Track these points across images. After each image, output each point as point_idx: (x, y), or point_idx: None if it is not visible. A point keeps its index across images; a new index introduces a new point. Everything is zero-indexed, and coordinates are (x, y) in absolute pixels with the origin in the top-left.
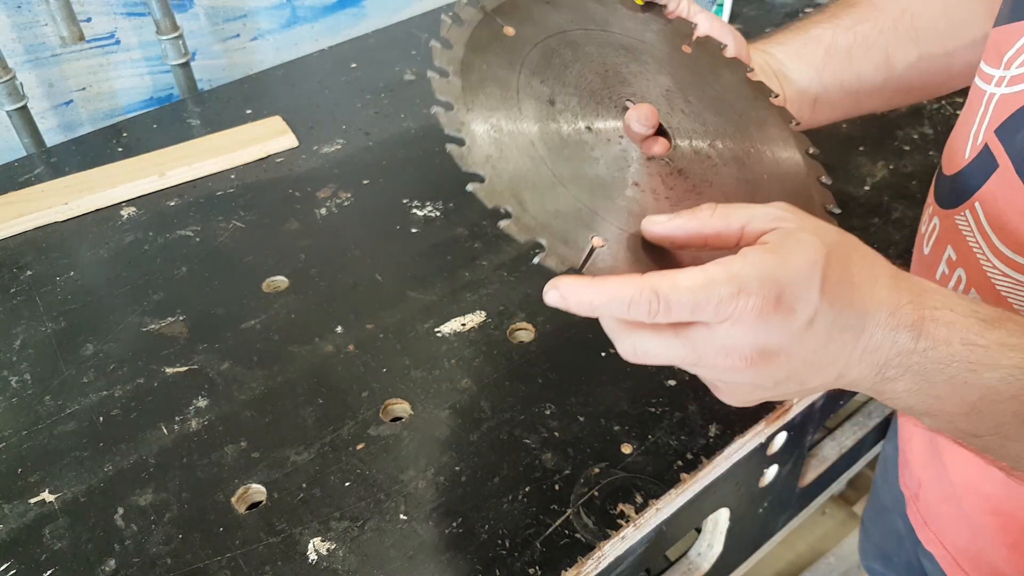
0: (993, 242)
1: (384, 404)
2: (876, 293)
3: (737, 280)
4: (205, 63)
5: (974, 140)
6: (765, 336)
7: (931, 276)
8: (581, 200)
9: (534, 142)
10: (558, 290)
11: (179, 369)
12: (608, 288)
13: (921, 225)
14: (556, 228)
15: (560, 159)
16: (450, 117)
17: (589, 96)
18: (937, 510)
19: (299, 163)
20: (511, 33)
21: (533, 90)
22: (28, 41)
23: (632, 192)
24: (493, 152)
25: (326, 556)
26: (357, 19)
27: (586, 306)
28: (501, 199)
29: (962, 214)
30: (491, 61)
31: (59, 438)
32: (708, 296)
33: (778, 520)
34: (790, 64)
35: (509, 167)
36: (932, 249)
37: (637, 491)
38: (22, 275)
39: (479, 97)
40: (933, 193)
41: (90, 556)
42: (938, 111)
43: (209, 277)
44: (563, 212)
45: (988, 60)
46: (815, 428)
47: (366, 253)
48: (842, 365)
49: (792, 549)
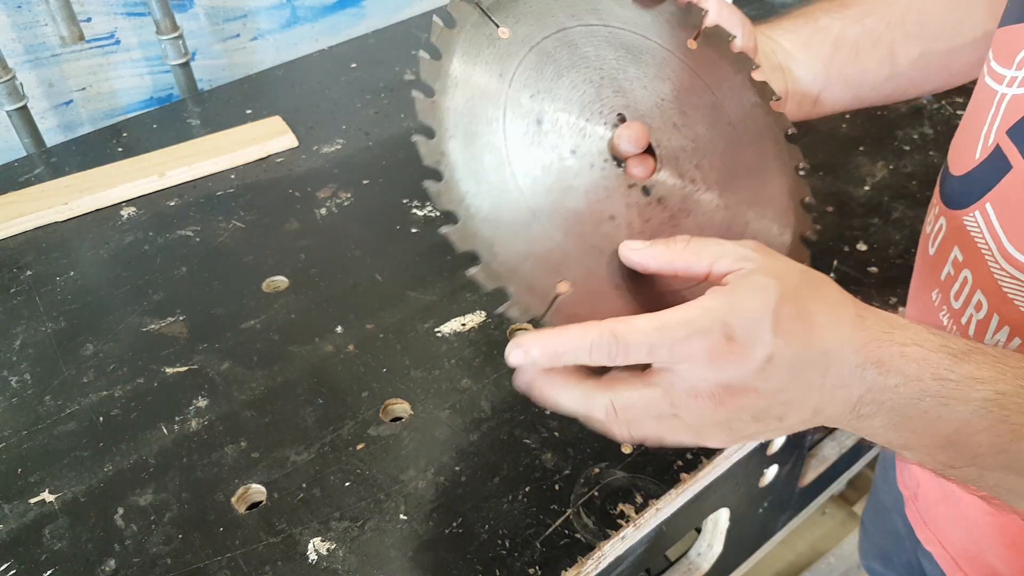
0: (1003, 244)
1: (384, 404)
2: (838, 331)
3: (690, 324)
4: (205, 63)
5: (985, 141)
6: (724, 375)
7: (936, 277)
8: (554, 239)
9: (515, 173)
10: (521, 347)
11: (179, 369)
12: (570, 334)
13: (926, 225)
14: (524, 273)
15: (539, 191)
16: (430, 147)
17: (579, 111)
18: (935, 510)
19: (299, 163)
20: (506, 36)
21: (522, 107)
22: (28, 41)
23: (607, 227)
24: (471, 187)
25: (326, 556)
26: (357, 19)
27: (551, 355)
28: (473, 242)
29: (971, 215)
30: (481, 73)
31: (59, 438)
32: (662, 338)
33: (778, 520)
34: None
35: (485, 204)
36: (938, 250)
37: (637, 491)
38: (22, 275)
39: (464, 120)
40: (939, 193)
41: (90, 556)
42: (938, 111)
43: (209, 277)
44: (534, 254)
45: (999, 59)
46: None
47: (366, 253)
48: (815, 402)
49: (792, 549)
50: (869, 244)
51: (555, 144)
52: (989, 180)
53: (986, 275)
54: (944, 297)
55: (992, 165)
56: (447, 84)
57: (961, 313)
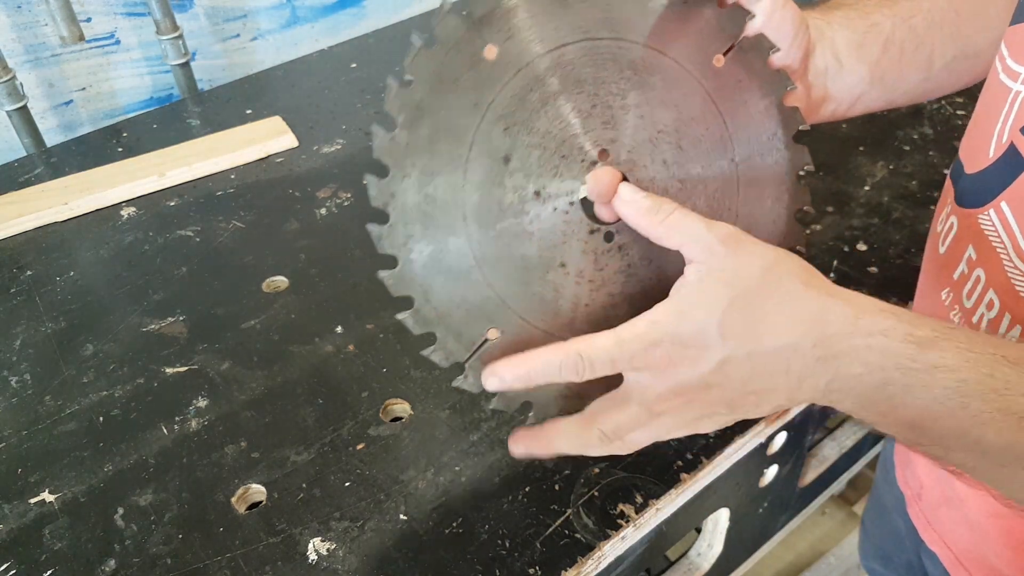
0: (1019, 242)
1: (384, 404)
2: (795, 328)
3: (643, 337)
4: (205, 63)
5: (999, 139)
6: (683, 377)
7: (948, 275)
8: (494, 287)
9: (467, 215)
10: (495, 375)
11: (179, 369)
12: (539, 357)
13: (935, 224)
14: (453, 320)
15: (488, 237)
16: (380, 188)
17: (556, 148)
18: (938, 511)
19: (299, 163)
20: (492, 56)
21: (491, 143)
22: (28, 41)
23: (554, 275)
24: (416, 231)
25: (326, 556)
26: (357, 19)
27: (523, 378)
28: (408, 288)
29: (986, 213)
30: (452, 104)
31: (59, 438)
32: (622, 352)
33: (778, 520)
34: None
35: (427, 250)
36: (949, 248)
37: (637, 491)
38: (22, 275)
39: (422, 158)
40: (952, 192)
41: (90, 556)
42: (938, 111)
43: (209, 277)
44: (468, 301)
45: (1016, 57)
46: (815, 428)
47: (366, 253)
48: (785, 391)
49: (792, 549)
50: (869, 244)
51: (519, 185)
52: (1005, 178)
53: (999, 274)
54: (956, 296)
55: (1007, 163)
56: (412, 116)
57: (973, 312)
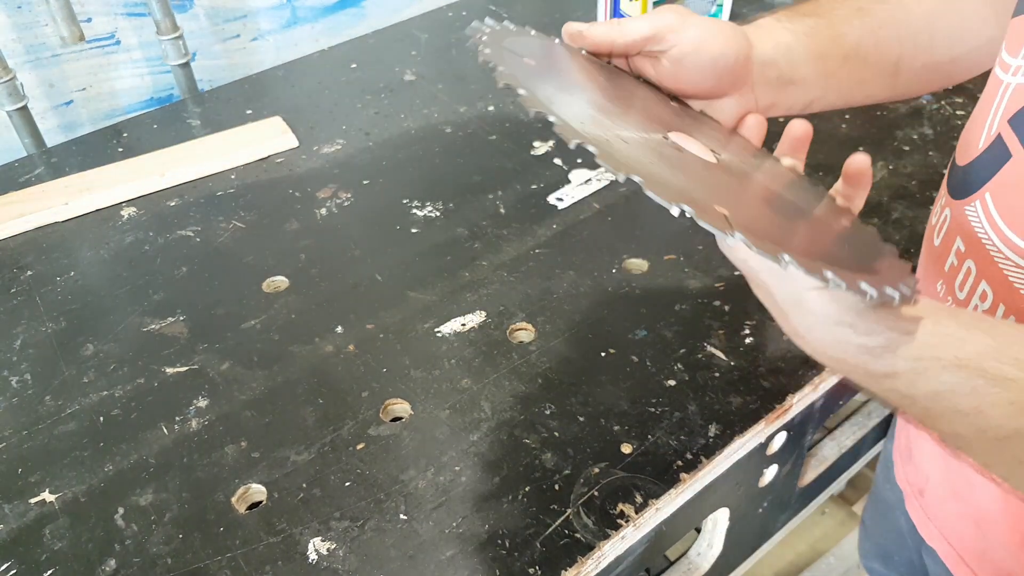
0: (1003, 232)
1: (384, 404)
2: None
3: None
4: (205, 63)
5: (988, 130)
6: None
7: (940, 268)
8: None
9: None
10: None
11: (179, 369)
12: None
13: (932, 217)
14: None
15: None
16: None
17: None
18: (943, 506)
19: (299, 163)
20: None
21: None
22: (28, 41)
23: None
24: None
25: (326, 556)
26: (357, 19)
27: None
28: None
29: (972, 204)
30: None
31: (59, 438)
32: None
33: (778, 520)
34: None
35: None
36: (942, 241)
37: (637, 491)
38: (22, 275)
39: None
40: (946, 184)
41: (90, 556)
42: (938, 111)
43: (209, 277)
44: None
45: (1009, 49)
46: (815, 428)
47: (366, 253)
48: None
49: (792, 549)
50: None
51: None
52: (990, 169)
53: (990, 265)
54: (949, 288)
55: (993, 154)
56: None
57: (966, 303)
